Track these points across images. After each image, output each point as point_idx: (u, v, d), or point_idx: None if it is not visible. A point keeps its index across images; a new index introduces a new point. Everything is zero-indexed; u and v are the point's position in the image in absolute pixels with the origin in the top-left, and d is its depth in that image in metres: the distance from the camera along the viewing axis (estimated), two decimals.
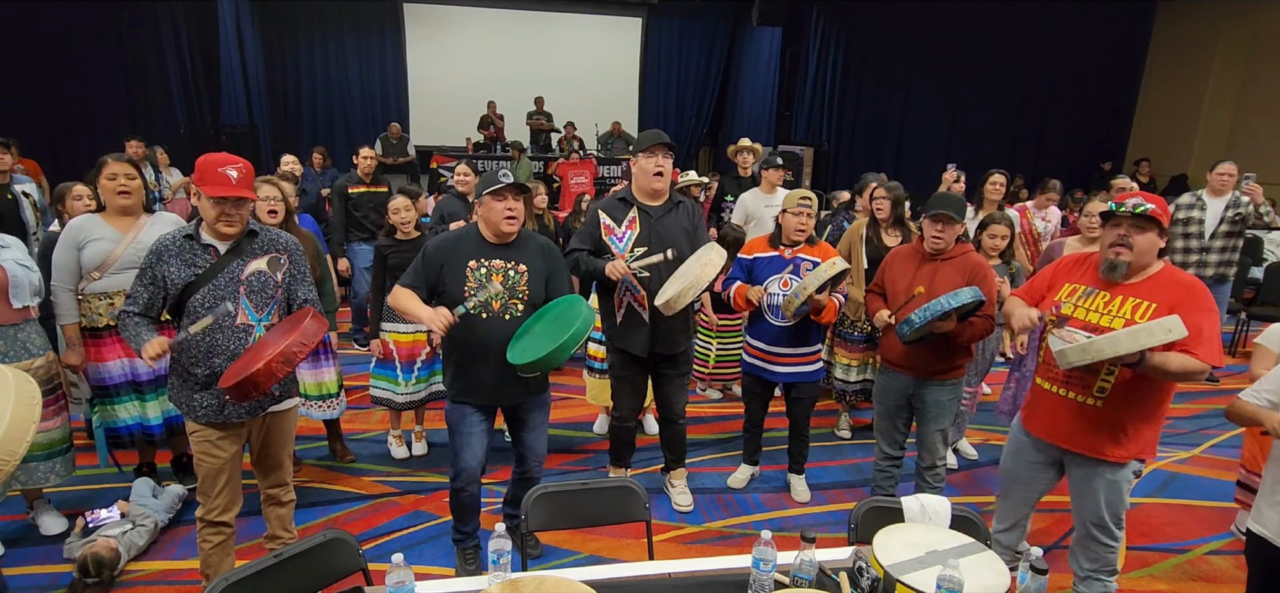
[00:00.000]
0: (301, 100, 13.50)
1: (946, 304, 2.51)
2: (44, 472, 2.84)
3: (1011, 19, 12.15)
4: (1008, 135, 12.84)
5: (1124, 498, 2.28)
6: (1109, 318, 2.17)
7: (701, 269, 2.72)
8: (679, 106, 15.27)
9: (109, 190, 2.84)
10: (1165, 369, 2.01)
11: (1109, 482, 2.25)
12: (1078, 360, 2.03)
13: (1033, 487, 2.48)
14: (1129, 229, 2.14)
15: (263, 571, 1.61)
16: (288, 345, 1.98)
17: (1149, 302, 2.12)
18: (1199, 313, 2.05)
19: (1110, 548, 2.32)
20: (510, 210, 2.45)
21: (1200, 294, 2.11)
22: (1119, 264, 2.17)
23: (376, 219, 5.39)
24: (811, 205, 3.18)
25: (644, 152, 2.92)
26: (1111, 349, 1.96)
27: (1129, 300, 2.16)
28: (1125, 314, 2.15)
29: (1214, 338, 2.05)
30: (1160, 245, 2.16)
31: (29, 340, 2.72)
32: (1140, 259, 2.16)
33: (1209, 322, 2.05)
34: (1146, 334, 1.93)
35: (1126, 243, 2.15)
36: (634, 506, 2.11)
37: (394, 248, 3.51)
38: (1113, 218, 2.19)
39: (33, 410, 1.80)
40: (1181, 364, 2.00)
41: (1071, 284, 2.33)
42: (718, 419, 4.46)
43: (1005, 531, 2.60)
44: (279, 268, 2.29)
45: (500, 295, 2.47)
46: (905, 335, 2.66)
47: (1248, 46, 10.59)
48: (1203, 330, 2.02)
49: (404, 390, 3.63)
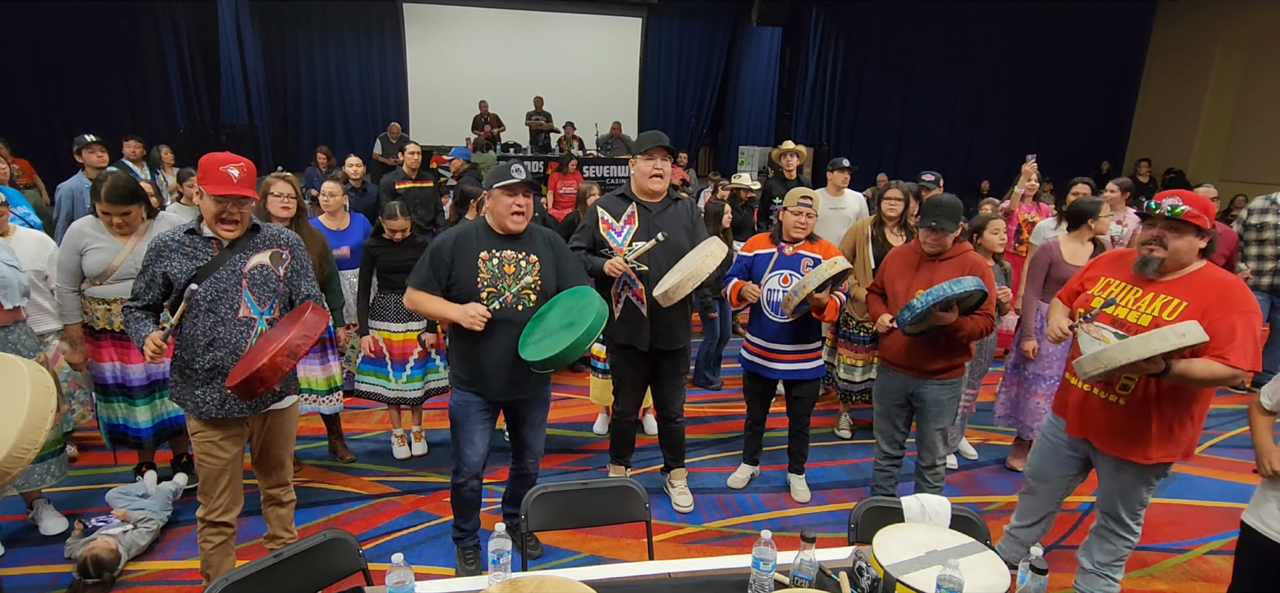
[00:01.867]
0: (301, 100, 13.50)
1: (949, 290, 2.53)
2: (40, 473, 2.84)
3: (1011, 19, 12.16)
4: (1007, 135, 12.85)
5: (1143, 497, 2.27)
6: (1137, 314, 2.13)
7: (701, 261, 2.73)
8: (679, 106, 15.27)
9: (104, 221, 2.85)
10: (1189, 376, 1.95)
11: (1130, 481, 2.24)
12: (1092, 370, 1.99)
13: (1061, 485, 2.49)
14: (1163, 230, 2.09)
15: (263, 571, 1.61)
16: (290, 339, 1.99)
17: (1179, 300, 2.07)
18: (1233, 314, 1.97)
19: (1127, 542, 2.32)
20: (519, 206, 2.45)
21: (1236, 294, 2.02)
22: (1151, 261, 2.13)
23: (424, 214, 5.48)
24: (812, 204, 3.19)
25: (643, 153, 2.96)
26: (1123, 357, 1.91)
27: (1159, 297, 2.11)
28: (1154, 311, 2.10)
29: (1249, 342, 1.95)
30: (1200, 247, 2.10)
31: (20, 342, 2.72)
32: (1175, 260, 2.10)
33: (1244, 324, 1.96)
34: (1159, 340, 1.87)
35: (1161, 242, 2.10)
36: (634, 506, 2.11)
37: (382, 248, 3.52)
38: (1149, 218, 2.14)
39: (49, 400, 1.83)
40: (1206, 371, 1.93)
41: (1106, 279, 2.30)
42: (718, 419, 4.46)
43: (1026, 527, 2.61)
44: (281, 262, 2.29)
45: (532, 285, 2.48)
46: (906, 322, 2.66)
47: (1248, 46, 10.59)
48: (1236, 333, 1.94)
49: (394, 386, 3.64)
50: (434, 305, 2.46)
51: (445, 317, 2.43)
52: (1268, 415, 2.14)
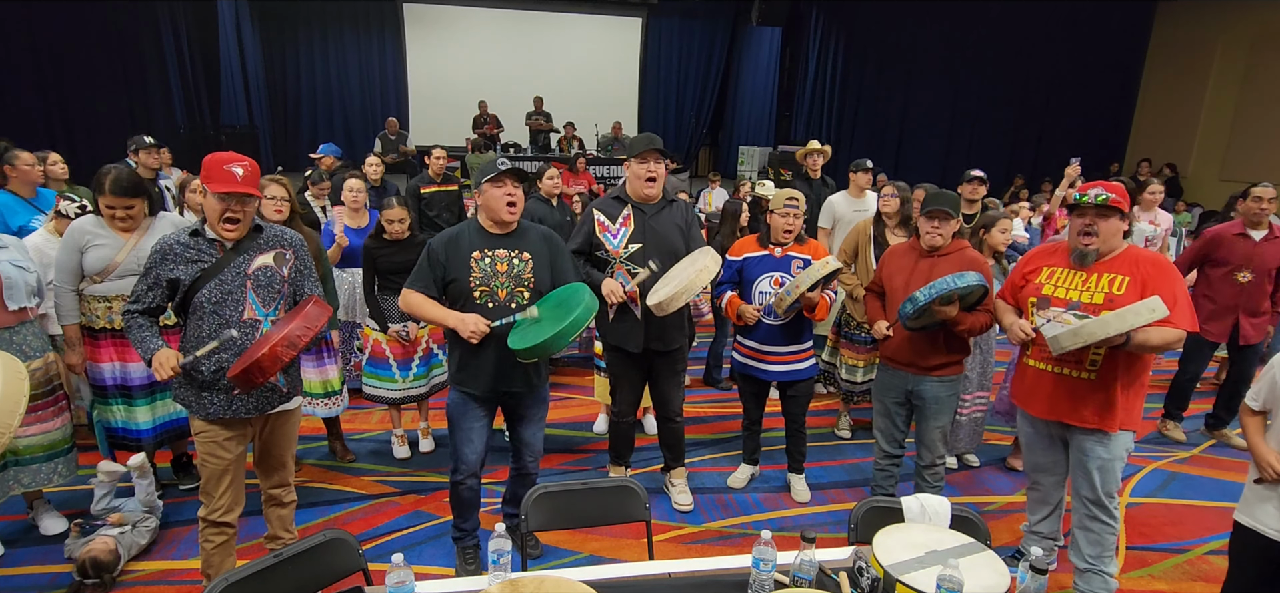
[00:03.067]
0: (301, 100, 13.51)
1: (953, 284, 2.56)
2: (47, 472, 2.83)
3: (1011, 19, 12.16)
4: (1007, 135, 12.85)
5: (1117, 473, 2.42)
6: (1088, 294, 2.34)
7: (696, 274, 2.72)
8: (679, 107, 15.28)
9: (107, 216, 2.83)
10: (1148, 345, 2.20)
11: (1103, 457, 2.39)
12: (1070, 345, 2.16)
13: (1055, 470, 2.60)
14: (1093, 217, 2.33)
15: (263, 570, 1.61)
16: (291, 330, 1.99)
17: (1124, 276, 2.30)
18: (1172, 284, 2.24)
19: (1109, 529, 2.43)
20: (510, 196, 2.44)
21: (1165, 266, 2.31)
22: (1088, 253, 2.36)
23: (449, 218, 5.53)
24: (799, 205, 3.19)
25: (636, 157, 2.97)
26: (1102, 331, 2.10)
27: (1104, 276, 2.34)
28: (1104, 289, 2.32)
29: (1186, 304, 2.24)
30: (1124, 229, 2.37)
31: (25, 342, 2.72)
32: (1106, 244, 2.34)
33: (1181, 290, 2.25)
34: (1134, 314, 2.07)
35: (1092, 231, 2.33)
36: (634, 506, 2.11)
37: (382, 249, 3.51)
38: (1077, 208, 2.37)
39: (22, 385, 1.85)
40: (1162, 337, 2.19)
41: (1049, 267, 2.49)
42: (717, 419, 4.46)
43: (1041, 520, 2.71)
44: (284, 263, 2.29)
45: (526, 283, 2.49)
46: (908, 315, 2.67)
47: (1248, 46, 10.60)
48: (1177, 299, 2.21)
49: (401, 386, 3.64)
50: (431, 310, 2.45)
51: (444, 323, 2.43)
52: (1257, 417, 2.16)
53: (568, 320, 2.19)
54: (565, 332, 2.19)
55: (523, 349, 2.26)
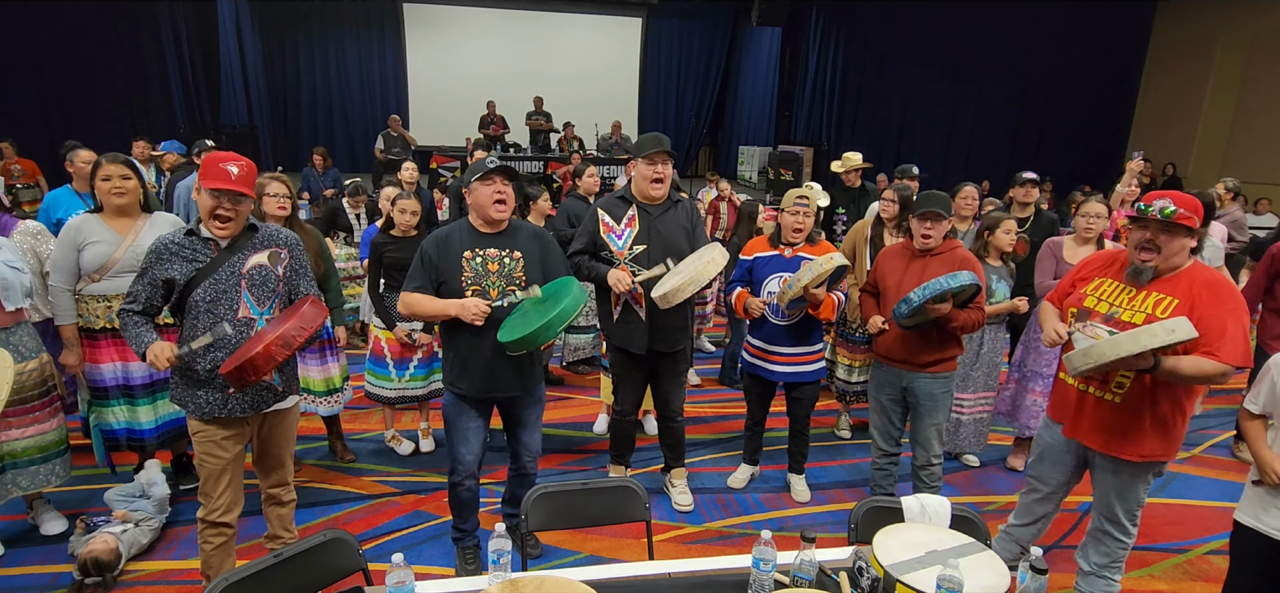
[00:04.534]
0: (301, 100, 13.51)
1: (946, 284, 2.58)
2: (44, 474, 2.83)
3: (1011, 19, 12.16)
4: (1007, 135, 12.86)
5: (1140, 496, 2.27)
6: (1131, 313, 2.12)
7: (702, 267, 2.72)
8: (679, 106, 15.28)
9: (104, 192, 2.83)
10: (1177, 373, 1.96)
11: (1127, 479, 2.24)
12: (1082, 366, 2.00)
13: (1059, 488, 2.48)
14: (1155, 233, 2.07)
15: (263, 570, 1.61)
16: (286, 329, 1.99)
17: (1172, 298, 2.06)
18: (1223, 311, 1.98)
19: (1122, 544, 2.32)
20: (499, 193, 2.43)
21: (1225, 292, 2.03)
22: (1144, 271, 2.12)
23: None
24: (809, 204, 3.19)
25: (643, 158, 2.95)
26: (1112, 352, 1.92)
27: (1151, 296, 2.11)
28: (1147, 308, 2.10)
29: (1238, 337, 1.96)
30: (1190, 247, 2.09)
31: (20, 343, 2.72)
32: (1168, 262, 2.09)
33: (1234, 320, 1.97)
34: (1148, 335, 1.88)
35: (1153, 247, 2.08)
36: (634, 506, 2.11)
37: (391, 244, 3.51)
38: (1141, 220, 2.09)
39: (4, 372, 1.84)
40: (1195, 368, 1.94)
41: (1100, 278, 2.30)
42: (718, 419, 4.46)
43: (1022, 526, 2.61)
44: (279, 262, 2.29)
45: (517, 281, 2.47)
46: (902, 314, 2.70)
47: (1248, 46, 10.60)
48: (1226, 329, 1.95)
49: (396, 385, 3.64)
50: (431, 306, 2.45)
51: (445, 314, 2.42)
52: (1257, 420, 2.14)
53: (555, 312, 2.18)
54: (553, 323, 2.18)
55: (511, 342, 2.25)
